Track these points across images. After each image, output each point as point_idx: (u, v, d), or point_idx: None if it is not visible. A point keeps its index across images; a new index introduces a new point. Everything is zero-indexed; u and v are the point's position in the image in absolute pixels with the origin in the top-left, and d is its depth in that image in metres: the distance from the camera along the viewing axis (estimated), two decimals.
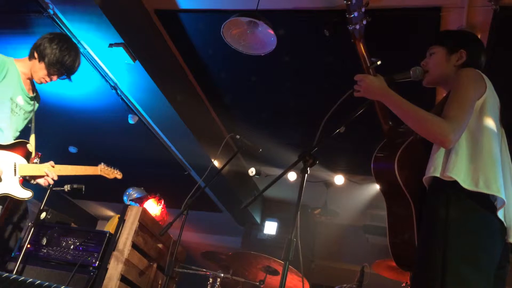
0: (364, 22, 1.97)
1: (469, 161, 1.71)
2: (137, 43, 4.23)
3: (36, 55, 2.71)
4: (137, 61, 4.30)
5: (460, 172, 1.67)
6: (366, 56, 2.01)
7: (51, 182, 2.75)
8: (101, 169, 3.10)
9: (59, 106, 2.92)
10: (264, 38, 3.66)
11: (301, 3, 3.82)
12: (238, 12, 3.55)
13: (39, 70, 2.71)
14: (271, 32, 3.56)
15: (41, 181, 2.76)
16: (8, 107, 2.65)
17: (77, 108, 5.60)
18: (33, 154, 2.79)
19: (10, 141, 2.66)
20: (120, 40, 4.07)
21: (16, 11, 4.26)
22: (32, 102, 2.84)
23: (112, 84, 4.87)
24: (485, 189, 1.65)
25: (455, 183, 1.67)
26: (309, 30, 4.09)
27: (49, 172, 2.72)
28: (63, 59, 2.68)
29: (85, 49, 4.35)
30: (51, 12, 3.99)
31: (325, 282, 7.60)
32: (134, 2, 4.17)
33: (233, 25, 3.57)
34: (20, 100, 2.73)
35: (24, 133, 2.84)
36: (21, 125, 2.79)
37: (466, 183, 1.66)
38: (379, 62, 1.98)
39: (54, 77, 2.75)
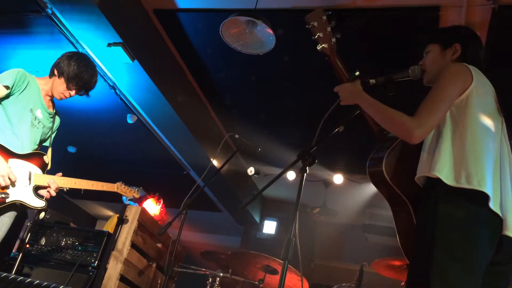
0: (334, 40, 2.03)
1: (452, 157, 1.71)
2: (135, 43, 4.23)
3: (56, 72, 2.83)
4: (135, 61, 4.30)
5: (443, 169, 1.68)
6: (344, 70, 2.05)
7: (53, 194, 2.76)
8: (118, 187, 3.09)
9: (58, 106, 2.92)
10: (263, 38, 3.66)
11: (300, 2, 3.82)
12: (236, 11, 3.55)
13: (59, 85, 2.82)
14: (270, 31, 3.56)
15: (43, 192, 2.77)
16: (29, 118, 2.74)
17: (75, 107, 5.59)
18: (49, 166, 2.84)
19: (28, 151, 2.73)
20: (119, 40, 4.07)
21: (14, 11, 4.25)
22: (51, 119, 2.93)
23: (111, 84, 4.87)
24: (465, 184, 1.64)
25: (441, 180, 1.67)
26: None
27: (51, 184, 2.73)
28: (81, 74, 2.81)
29: (83, 48, 4.34)
30: (50, 11, 3.98)
31: (324, 281, 7.60)
32: (132, 1, 4.17)
33: (231, 24, 3.57)
34: (39, 113, 2.82)
35: (42, 148, 2.90)
36: (39, 138, 2.86)
37: (448, 180, 1.66)
38: (357, 73, 2.03)
39: (73, 92, 2.86)
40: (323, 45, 2.03)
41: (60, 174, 2.83)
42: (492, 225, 1.66)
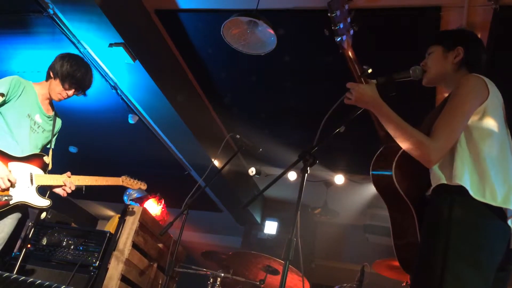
0: (351, 31, 1.97)
1: (475, 170, 1.69)
2: (137, 43, 4.23)
3: (51, 74, 2.88)
4: (137, 61, 4.31)
5: (468, 181, 1.66)
6: (356, 65, 2.00)
7: (69, 191, 2.82)
8: (123, 180, 3.09)
9: (59, 106, 2.94)
10: (264, 38, 3.66)
11: (301, 2, 3.82)
12: (238, 11, 3.55)
13: (56, 86, 2.87)
14: (271, 31, 3.56)
15: (59, 191, 2.83)
16: (27, 123, 2.77)
17: (77, 107, 5.60)
18: (50, 166, 2.86)
19: (28, 154, 2.75)
20: (120, 40, 4.07)
21: (16, 11, 4.26)
22: (51, 122, 2.96)
23: (112, 84, 4.88)
24: (491, 201, 1.64)
25: (461, 188, 1.65)
26: (309, 29, 4.09)
27: (67, 182, 2.79)
28: (73, 73, 2.86)
29: (85, 49, 4.35)
30: (51, 12, 3.99)
31: (325, 282, 7.59)
32: (134, 1, 4.17)
33: (233, 24, 3.57)
34: (38, 118, 2.85)
35: (43, 150, 2.93)
36: (40, 143, 2.88)
37: (473, 192, 1.65)
38: (370, 70, 1.97)
39: (70, 92, 2.90)
40: (342, 36, 1.96)
41: (69, 173, 2.85)
42: (505, 235, 1.68)
